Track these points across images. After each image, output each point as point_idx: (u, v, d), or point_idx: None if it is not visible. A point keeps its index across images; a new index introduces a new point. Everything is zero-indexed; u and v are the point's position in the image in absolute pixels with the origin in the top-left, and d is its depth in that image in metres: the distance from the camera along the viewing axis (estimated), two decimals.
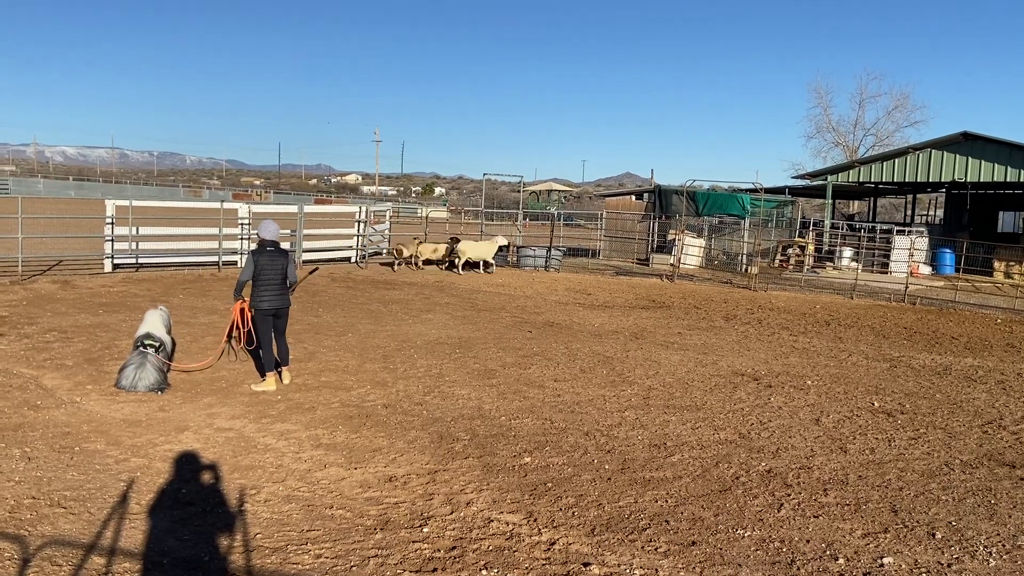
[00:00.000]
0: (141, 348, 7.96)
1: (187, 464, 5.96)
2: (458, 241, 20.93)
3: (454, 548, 4.73)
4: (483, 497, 5.54)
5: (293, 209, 20.27)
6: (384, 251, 23.85)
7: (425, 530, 4.97)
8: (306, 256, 19.57)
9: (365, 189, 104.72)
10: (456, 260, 20.38)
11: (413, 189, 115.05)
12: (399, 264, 20.70)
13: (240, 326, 8.40)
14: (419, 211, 49.22)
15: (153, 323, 8.35)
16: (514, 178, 30.79)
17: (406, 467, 6.08)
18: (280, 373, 8.42)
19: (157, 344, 8.10)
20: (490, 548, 4.75)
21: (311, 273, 13.56)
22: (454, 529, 5.00)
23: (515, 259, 22.68)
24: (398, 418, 7.35)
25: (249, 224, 18.87)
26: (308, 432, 6.84)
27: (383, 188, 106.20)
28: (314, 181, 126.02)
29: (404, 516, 5.18)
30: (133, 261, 17.16)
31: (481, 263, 20.79)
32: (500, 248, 21.33)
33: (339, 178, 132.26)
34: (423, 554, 4.64)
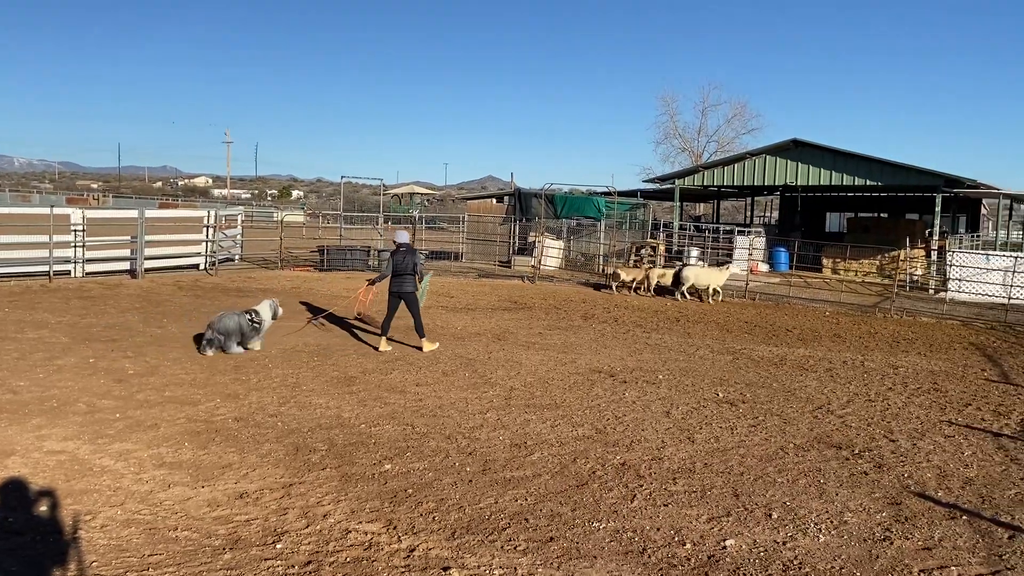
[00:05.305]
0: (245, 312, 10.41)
1: (14, 491, 5.45)
2: (684, 267, 19.81)
3: (309, 563, 4.58)
4: (341, 508, 5.40)
5: (133, 214, 18.95)
6: (237, 258, 22.85)
7: (279, 546, 4.78)
8: (148, 264, 18.39)
9: (216, 192, 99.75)
10: (680, 287, 19.19)
11: (269, 192, 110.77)
12: (618, 289, 19.70)
13: (363, 300, 12.34)
14: (275, 215, 47.47)
15: (263, 307, 10.60)
16: (374, 181, 30.34)
17: (259, 482, 5.83)
18: (421, 346, 11.11)
19: (258, 320, 10.40)
20: (348, 560, 4.64)
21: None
22: (310, 543, 4.84)
23: (377, 263, 22.34)
24: (250, 431, 7.04)
25: (84, 231, 17.52)
26: (150, 451, 6.42)
27: (236, 191, 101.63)
28: (159, 184, 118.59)
29: (256, 533, 4.96)
30: None
31: (709, 291, 19.02)
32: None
33: (187, 181, 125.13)
34: (276, 572, 4.46)
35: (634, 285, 19.87)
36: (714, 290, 19.05)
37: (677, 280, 19.25)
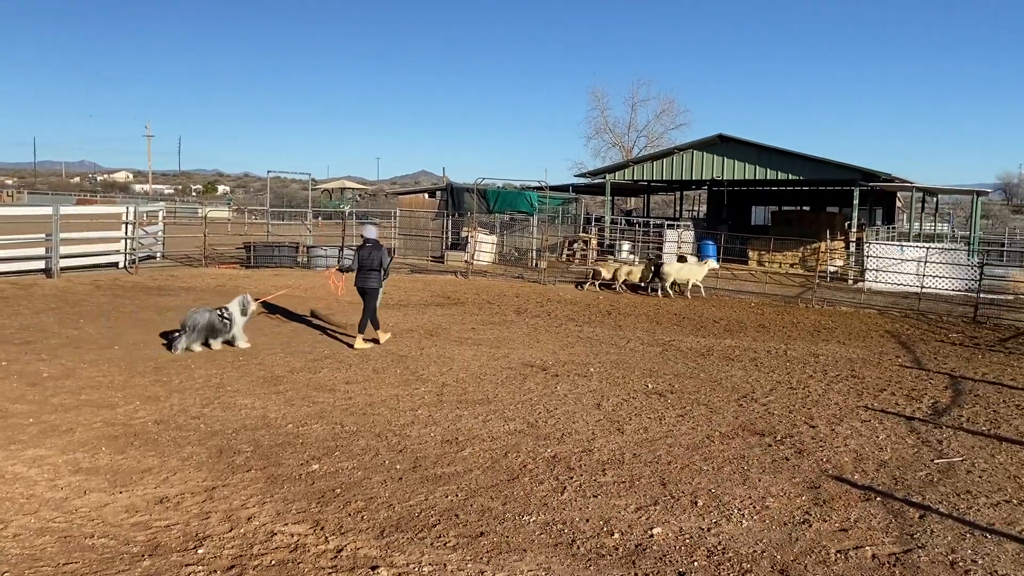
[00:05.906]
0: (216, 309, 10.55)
1: None
2: (661, 262, 19.31)
3: (232, 567, 4.46)
4: (266, 510, 5.28)
5: (47, 211, 18.09)
6: (159, 255, 22.11)
7: (200, 551, 4.64)
8: (64, 263, 17.60)
9: (138, 188, 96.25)
10: (656, 283, 18.73)
11: (193, 187, 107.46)
12: (597, 286, 19.41)
13: (335, 283, 13.00)
14: (199, 211, 46.09)
15: (232, 303, 10.67)
16: (303, 175, 29.75)
17: (180, 486, 5.65)
18: (354, 342, 10.98)
19: (227, 314, 10.48)
20: (273, 563, 4.54)
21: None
22: (233, 547, 4.71)
23: (306, 260, 21.94)
24: (171, 434, 6.81)
25: None
26: (65, 456, 6.15)
27: (158, 186, 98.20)
28: (77, 179, 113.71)
29: (177, 539, 4.80)
30: None
31: (689, 286, 18.92)
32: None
33: (106, 176, 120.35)
34: None
35: (611, 282, 19.90)
36: (694, 285, 19.12)
37: (657, 276, 19.17)
